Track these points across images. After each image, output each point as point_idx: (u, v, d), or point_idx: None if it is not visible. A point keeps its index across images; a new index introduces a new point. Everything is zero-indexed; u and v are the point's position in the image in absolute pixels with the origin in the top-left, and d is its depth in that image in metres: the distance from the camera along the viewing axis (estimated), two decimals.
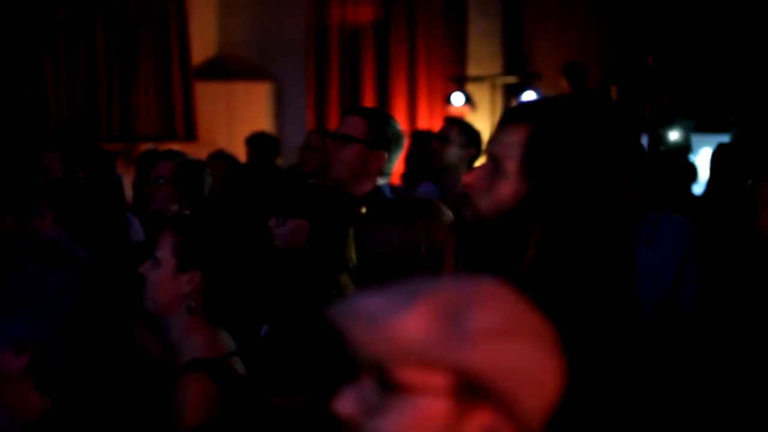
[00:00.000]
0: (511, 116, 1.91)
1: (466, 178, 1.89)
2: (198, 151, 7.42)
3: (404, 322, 1.16)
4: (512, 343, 1.19)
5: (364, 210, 3.25)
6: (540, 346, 1.21)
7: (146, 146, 8.26)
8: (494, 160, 1.88)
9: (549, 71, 10.64)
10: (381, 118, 3.90)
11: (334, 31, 11.64)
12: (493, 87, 11.48)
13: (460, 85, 11.24)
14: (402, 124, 11.75)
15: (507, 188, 1.84)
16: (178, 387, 2.39)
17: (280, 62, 11.74)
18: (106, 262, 3.23)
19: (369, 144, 3.76)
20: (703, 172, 9.09)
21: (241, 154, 7.60)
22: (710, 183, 7.74)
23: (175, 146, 7.51)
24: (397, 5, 11.66)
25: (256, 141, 7.19)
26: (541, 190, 1.81)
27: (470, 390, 1.18)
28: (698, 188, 8.80)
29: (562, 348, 1.24)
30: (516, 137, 1.85)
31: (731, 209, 4.29)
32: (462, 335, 1.17)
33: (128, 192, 5.93)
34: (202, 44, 11.69)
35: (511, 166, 1.84)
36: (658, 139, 9.83)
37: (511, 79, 11.37)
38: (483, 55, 11.70)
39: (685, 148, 9.69)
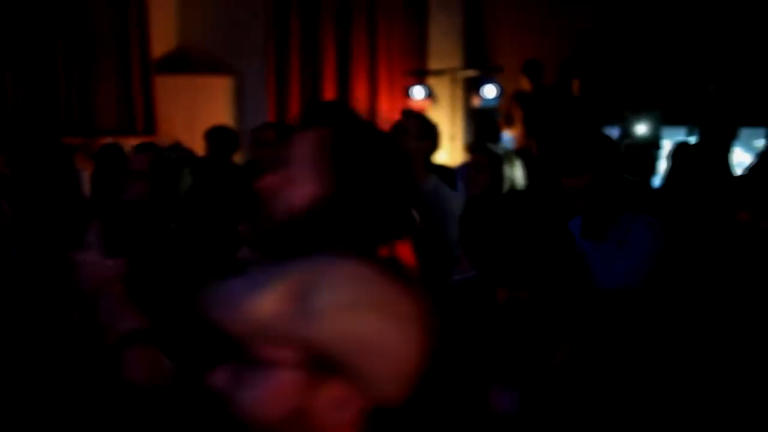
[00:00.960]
0: (305, 121, 1.99)
1: (261, 183, 1.95)
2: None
3: (257, 303, 1.27)
4: (358, 318, 1.27)
5: None
6: (392, 320, 1.28)
7: (106, 140, 8.20)
8: (289, 164, 1.94)
9: (510, 65, 10.67)
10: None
11: (295, 25, 11.61)
12: (453, 81, 11.50)
13: (420, 78, 11.25)
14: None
15: (302, 191, 1.91)
16: (125, 359, 2.41)
17: (240, 56, 11.70)
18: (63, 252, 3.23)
19: None
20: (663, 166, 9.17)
21: (201, 148, 7.56)
22: (669, 179, 7.79)
23: (135, 140, 7.47)
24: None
25: (215, 135, 7.15)
26: (334, 191, 1.90)
27: (321, 364, 1.26)
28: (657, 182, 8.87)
29: (428, 323, 1.32)
30: (309, 141, 1.94)
31: (695, 205, 4.33)
32: (308, 312, 1.26)
33: (87, 186, 5.88)
34: (163, 38, 11.63)
35: (306, 169, 1.91)
36: (624, 133, 9.90)
37: (471, 73, 11.40)
38: (444, 49, 11.72)
39: (652, 143, 9.75)
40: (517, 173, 4.77)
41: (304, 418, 1.27)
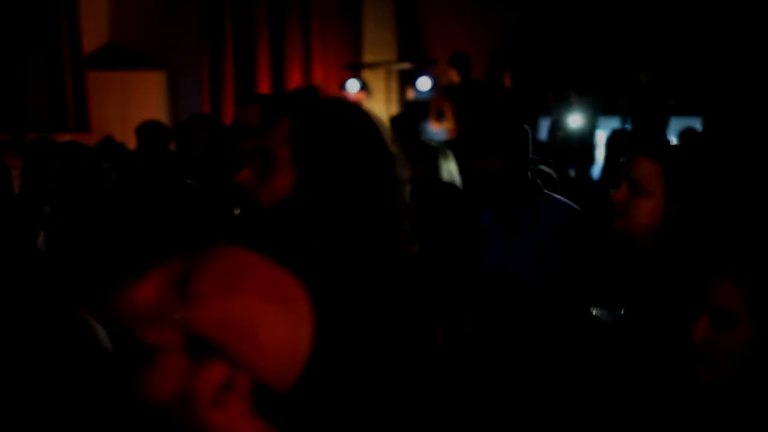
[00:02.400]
0: (276, 111, 2.08)
1: (241, 177, 2.05)
2: (91, 142, 7.31)
3: (137, 290, 1.33)
4: (234, 302, 1.31)
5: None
6: (273, 304, 1.33)
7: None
8: (267, 153, 2.03)
9: (444, 58, 10.72)
10: (279, 105, 3.87)
11: (228, 19, 11.56)
12: (388, 73, 11.53)
13: (355, 71, 11.26)
14: None
15: (282, 176, 1.98)
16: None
17: (174, 51, 11.62)
18: None
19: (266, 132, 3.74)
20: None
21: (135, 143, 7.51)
22: (604, 167, 7.89)
23: (67, 137, 7.38)
24: None
25: (146, 130, 7.10)
26: (310, 176, 1.97)
27: (202, 347, 1.31)
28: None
29: (313, 305, 1.37)
30: (282, 129, 2.01)
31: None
32: (185, 296, 1.30)
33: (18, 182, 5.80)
34: (94, 33, 11.50)
35: (283, 157, 1.99)
36: (556, 124, 9.99)
37: (406, 66, 11.44)
38: (378, 42, 11.74)
39: (588, 133, 9.86)
40: (452, 166, 4.79)
41: (190, 399, 1.30)
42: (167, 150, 6.98)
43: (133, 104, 11.24)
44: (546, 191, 3.69)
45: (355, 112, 2.07)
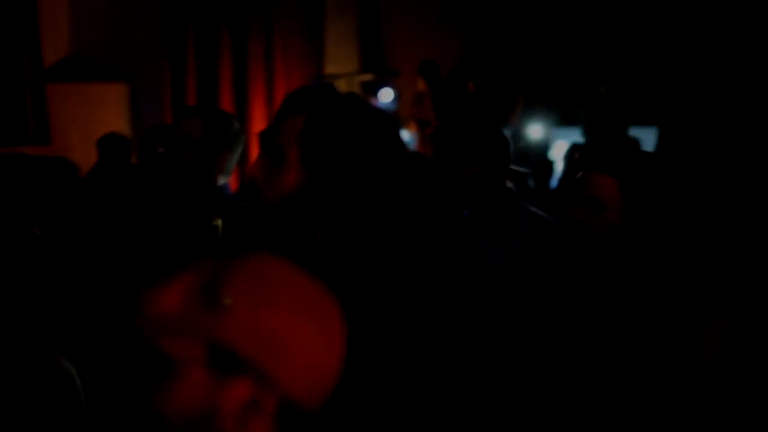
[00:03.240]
0: (288, 107, 2.03)
1: (252, 168, 2.03)
2: (52, 155, 7.28)
3: (161, 296, 1.24)
4: (267, 314, 1.24)
5: (219, 223, 3.26)
6: (304, 318, 1.26)
7: None
8: (276, 149, 2.02)
9: (406, 69, 10.75)
10: (218, 117, 3.88)
11: (191, 30, 11.53)
12: (350, 85, 11.54)
13: (318, 83, 11.26)
14: (260, 124, 11.69)
15: (290, 174, 1.99)
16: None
17: (135, 63, 11.57)
18: None
19: (207, 144, 3.76)
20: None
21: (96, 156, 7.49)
22: (562, 179, 7.94)
23: (28, 150, 7.34)
24: (253, 5, 11.62)
25: (107, 142, 7.09)
26: (319, 174, 1.97)
27: (229, 361, 1.23)
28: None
29: (345, 321, 1.30)
30: (292, 127, 2.01)
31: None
32: (213, 306, 1.23)
33: None
34: (54, 45, 11.43)
35: (292, 153, 1.99)
36: (517, 135, 10.04)
37: (368, 77, 11.46)
38: (340, 54, 11.76)
39: (546, 144, 9.92)
40: None
41: (212, 418, 1.23)
42: (129, 163, 6.97)
43: (95, 117, 11.18)
44: (522, 202, 3.72)
45: (368, 114, 2.05)
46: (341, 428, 1.49)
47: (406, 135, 9.66)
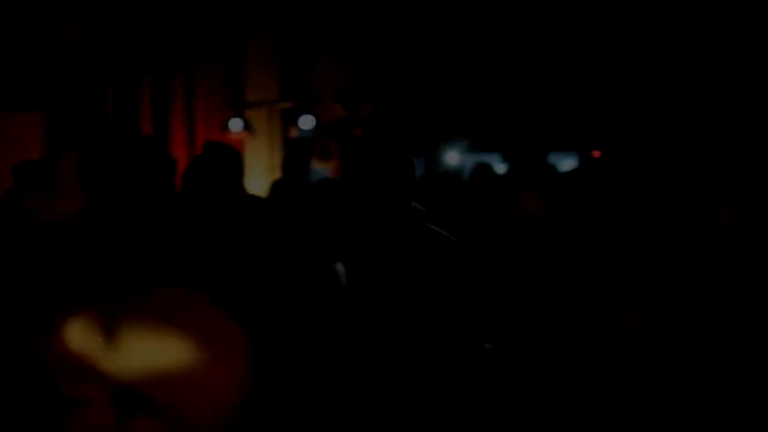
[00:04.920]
0: (62, 143, 2.35)
1: (27, 200, 2.38)
2: None
3: (59, 335, 1.20)
4: (165, 348, 1.20)
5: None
6: (205, 350, 1.23)
7: None
8: (55, 179, 2.27)
9: (327, 97, 10.78)
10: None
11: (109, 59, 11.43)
12: (271, 113, 11.54)
13: (238, 110, 11.24)
14: (180, 151, 11.56)
15: (68, 201, 2.24)
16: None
17: (52, 92, 11.41)
18: None
19: None
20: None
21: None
22: (468, 195, 8.02)
23: None
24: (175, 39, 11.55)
25: (20, 170, 6.99)
26: (92, 199, 2.22)
27: (130, 399, 1.20)
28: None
29: (250, 347, 1.27)
30: (67, 160, 2.28)
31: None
32: (112, 343, 1.20)
33: None
34: None
35: (69, 183, 2.26)
36: (434, 161, 10.13)
37: (288, 105, 11.47)
38: (260, 82, 11.75)
39: (460, 170, 10.03)
40: None
41: None
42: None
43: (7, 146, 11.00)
44: (427, 223, 3.75)
45: (139, 143, 2.38)
46: None
47: (317, 166, 9.62)
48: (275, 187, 7.75)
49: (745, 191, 3.27)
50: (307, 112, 10.80)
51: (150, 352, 1.19)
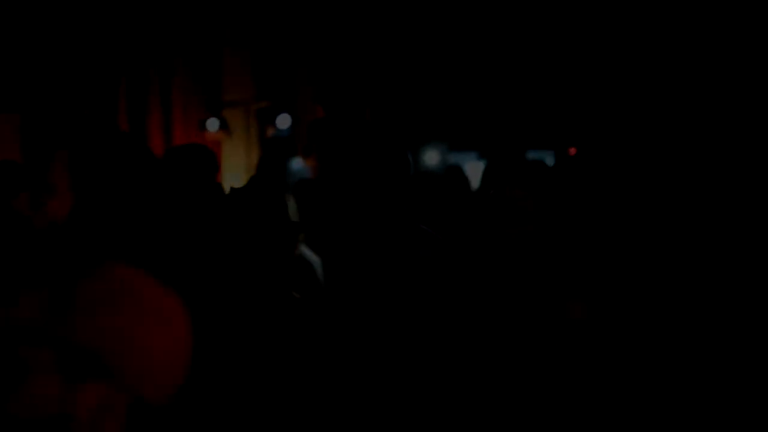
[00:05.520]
0: (51, 145, 2.39)
1: (18, 200, 2.43)
2: None
3: (12, 304, 1.30)
4: (113, 315, 1.31)
5: None
6: (150, 317, 1.34)
7: None
8: (47, 181, 2.31)
9: (304, 96, 10.79)
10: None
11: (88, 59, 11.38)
12: (247, 112, 11.52)
13: (214, 110, 11.23)
14: (158, 151, 11.53)
15: (57, 203, 2.27)
16: None
17: (30, 93, 11.35)
18: None
19: None
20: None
21: None
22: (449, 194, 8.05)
23: None
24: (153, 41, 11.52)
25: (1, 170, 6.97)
26: (79, 203, 2.26)
27: (80, 364, 1.29)
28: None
29: (191, 321, 1.39)
30: (59, 162, 2.32)
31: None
32: (64, 310, 1.29)
33: None
34: None
35: (61, 185, 2.29)
36: (415, 161, 10.13)
37: (264, 104, 11.45)
38: (236, 81, 11.73)
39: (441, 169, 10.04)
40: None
41: (66, 423, 1.28)
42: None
43: None
44: (413, 222, 3.76)
45: (125, 143, 2.38)
46: (191, 420, 1.60)
47: (299, 163, 9.61)
48: (251, 182, 7.73)
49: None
50: (284, 111, 10.80)
51: (98, 315, 1.30)
